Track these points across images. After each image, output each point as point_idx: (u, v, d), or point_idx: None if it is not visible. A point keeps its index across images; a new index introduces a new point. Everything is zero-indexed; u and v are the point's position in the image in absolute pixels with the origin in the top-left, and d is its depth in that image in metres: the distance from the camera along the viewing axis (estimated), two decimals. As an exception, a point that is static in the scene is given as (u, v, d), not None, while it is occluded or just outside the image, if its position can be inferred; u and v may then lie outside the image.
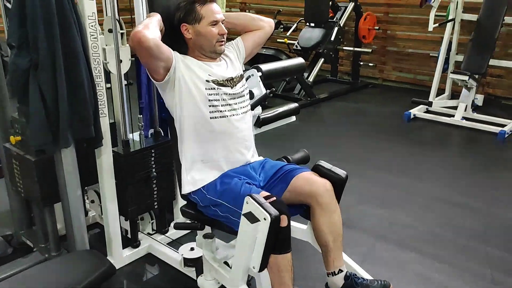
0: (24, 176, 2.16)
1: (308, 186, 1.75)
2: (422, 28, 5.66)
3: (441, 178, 3.40)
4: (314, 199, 1.74)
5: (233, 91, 1.83)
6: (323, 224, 1.75)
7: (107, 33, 2.09)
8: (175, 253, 2.34)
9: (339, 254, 1.78)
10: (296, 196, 1.78)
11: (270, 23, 2.02)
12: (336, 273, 1.76)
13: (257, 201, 1.54)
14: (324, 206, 1.73)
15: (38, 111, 1.79)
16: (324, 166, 1.83)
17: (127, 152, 2.20)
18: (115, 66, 2.12)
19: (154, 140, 2.35)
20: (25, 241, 2.47)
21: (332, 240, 1.76)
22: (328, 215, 1.74)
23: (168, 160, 2.36)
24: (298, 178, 1.78)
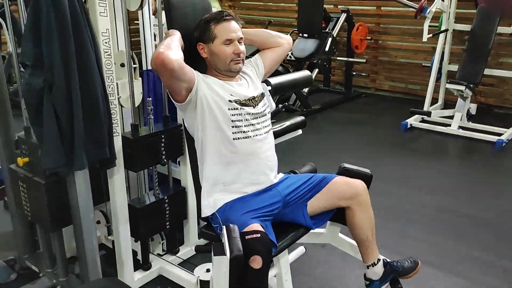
0: (32, 199, 2.07)
1: (349, 188, 1.82)
2: (414, 38, 5.72)
3: (445, 189, 3.40)
4: (356, 200, 1.81)
5: (255, 111, 1.78)
6: (365, 220, 1.83)
7: (119, 67, 2.05)
8: (189, 274, 2.27)
9: (375, 246, 1.90)
10: (336, 201, 1.82)
11: (289, 40, 1.99)
12: (376, 263, 1.89)
13: (228, 234, 1.47)
14: (364, 204, 1.83)
15: (53, 133, 1.71)
16: (351, 168, 1.94)
17: (136, 137, 2.10)
18: (127, 100, 2.09)
19: (163, 125, 2.25)
20: (29, 266, 2.37)
21: (371, 233, 1.86)
22: (367, 211, 1.84)
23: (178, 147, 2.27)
24: (335, 183, 1.83)
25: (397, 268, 1.91)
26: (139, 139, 2.10)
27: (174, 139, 2.25)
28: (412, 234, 2.77)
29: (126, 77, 2.05)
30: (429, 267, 2.43)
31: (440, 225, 2.88)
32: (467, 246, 2.64)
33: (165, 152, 2.21)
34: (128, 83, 2.05)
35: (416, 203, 3.17)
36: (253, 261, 1.46)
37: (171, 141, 2.23)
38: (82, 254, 1.99)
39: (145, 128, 2.20)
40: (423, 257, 2.50)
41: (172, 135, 2.23)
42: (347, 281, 2.34)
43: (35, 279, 2.26)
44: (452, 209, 3.07)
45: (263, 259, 1.47)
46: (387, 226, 2.83)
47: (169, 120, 2.27)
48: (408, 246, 2.64)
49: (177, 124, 2.27)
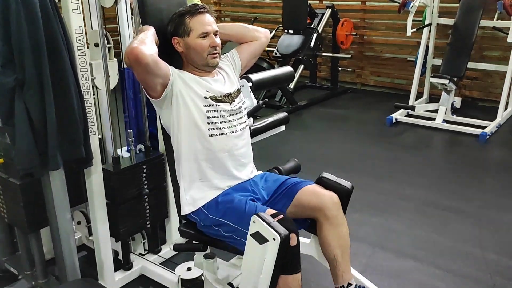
0: (8, 201, 2.03)
1: (315, 199, 1.70)
2: (398, 33, 5.74)
3: (429, 183, 3.41)
4: (322, 212, 1.68)
5: (231, 107, 1.76)
6: (331, 238, 1.70)
7: (93, 47, 1.99)
8: (171, 274, 2.24)
9: (348, 267, 1.73)
10: (302, 210, 1.72)
11: (266, 34, 1.97)
12: (346, 287, 1.72)
13: (265, 220, 1.47)
14: (332, 219, 1.69)
15: (25, 133, 1.68)
16: (329, 178, 1.79)
17: (117, 170, 2.10)
18: (102, 81, 2.03)
19: (145, 155, 2.26)
20: (8, 269, 2.32)
21: (340, 253, 1.71)
22: (336, 228, 1.70)
23: (160, 177, 2.28)
24: (303, 191, 1.72)
25: None
26: (120, 172, 2.09)
27: (156, 168, 2.24)
28: (395, 228, 2.77)
29: (100, 57, 1.98)
30: (412, 260, 2.44)
31: (423, 218, 2.89)
32: (450, 238, 2.65)
33: (147, 182, 2.20)
34: (103, 63, 1.99)
35: (400, 196, 3.17)
36: (291, 239, 1.47)
37: (153, 170, 2.22)
38: (60, 255, 1.96)
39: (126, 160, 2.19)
40: (407, 250, 2.53)
41: (153, 164, 2.23)
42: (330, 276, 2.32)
43: (14, 282, 2.23)
44: (436, 202, 3.09)
45: (297, 235, 1.51)
46: (370, 221, 2.83)
47: (150, 149, 2.27)
48: (391, 240, 2.64)
49: (158, 154, 2.27)
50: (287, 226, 1.48)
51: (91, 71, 1.96)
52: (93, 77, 1.98)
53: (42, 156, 1.74)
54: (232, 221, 1.63)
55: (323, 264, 1.88)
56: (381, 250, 2.54)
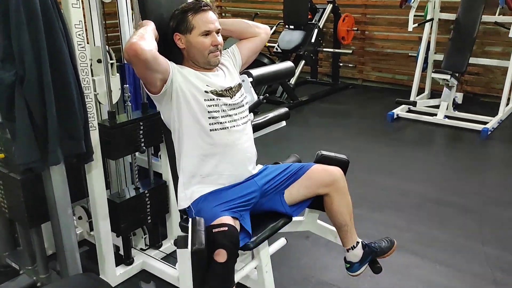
0: (8, 196, 2.03)
1: (327, 176, 1.82)
2: (400, 28, 5.72)
3: (430, 178, 3.41)
4: (334, 186, 1.81)
5: (232, 101, 1.76)
6: (342, 206, 1.83)
7: (96, 63, 2.01)
8: (171, 268, 2.25)
9: (354, 230, 1.91)
10: (315, 189, 1.82)
11: (266, 30, 1.96)
12: (355, 246, 1.90)
13: (193, 226, 1.45)
14: (341, 189, 1.83)
15: (25, 128, 1.68)
16: (329, 155, 1.95)
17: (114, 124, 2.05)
18: (105, 97, 2.07)
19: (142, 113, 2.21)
20: (9, 264, 2.33)
21: (349, 218, 1.86)
22: (345, 196, 1.85)
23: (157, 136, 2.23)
24: (313, 171, 1.82)
25: (375, 248, 1.94)
26: (116, 126, 2.06)
27: (153, 126, 2.20)
28: (396, 224, 2.77)
29: (103, 73, 2.01)
30: (413, 256, 2.44)
31: (424, 214, 2.89)
32: (451, 234, 2.64)
33: (144, 139, 2.17)
34: (105, 79, 2.02)
35: (401, 192, 3.17)
36: (217, 254, 1.44)
37: (150, 128, 2.19)
38: (61, 250, 1.97)
39: (123, 115, 2.15)
40: (408, 246, 2.53)
41: (151, 122, 2.19)
42: (331, 271, 2.33)
43: (15, 276, 2.23)
44: (437, 197, 3.08)
45: (228, 252, 1.45)
46: (371, 216, 2.83)
47: (147, 107, 2.23)
48: (392, 236, 2.58)
49: (156, 111, 2.19)
50: (219, 240, 1.44)
51: (94, 87, 1.98)
52: (96, 92, 2.00)
53: (42, 151, 1.74)
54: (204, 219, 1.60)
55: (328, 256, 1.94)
56: (382, 245, 2.54)
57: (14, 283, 2.18)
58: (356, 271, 1.94)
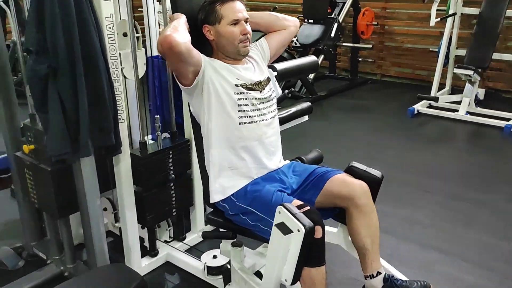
0: (38, 186, 2.07)
1: (345, 188, 1.69)
2: (421, 23, 5.65)
3: (452, 175, 3.37)
4: (352, 201, 1.68)
5: (262, 95, 1.76)
6: (361, 227, 1.70)
7: (121, 37, 2.00)
8: (196, 261, 2.27)
9: (377, 256, 1.74)
10: (332, 199, 1.72)
11: (295, 23, 1.95)
12: (375, 276, 1.72)
13: (290, 211, 1.46)
14: (362, 208, 1.68)
15: (58, 120, 1.70)
16: (358, 167, 1.78)
17: (145, 155, 2.11)
18: (131, 71, 2.04)
19: (171, 141, 2.26)
20: (36, 253, 2.38)
21: (370, 242, 1.71)
22: (366, 217, 1.69)
23: (186, 163, 2.29)
24: (333, 180, 1.72)
25: (397, 287, 1.69)
26: (147, 156, 2.10)
27: (182, 154, 2.25)
28: (420, 220, 2.75)
29: (129, 47, 1.99)
30: (438, 253, 2.42)
31: (448, 211, 2.86)
32: (476, 231, 2.62)
33: (173, 167, 2.22)
34: (131, 53, 2.00)
35: (423, 188, 3.14)
36: (316, 231, 1.46)
37: (179, 156, 2.23)
38: (89, 241, 1.99)
39: (153, 145, 2.19)
40: (432, 242, 2.51)
41: (179, 150, 2.24)
42: (354, 266, 2.29)
43: (43, 266, 2.26)
44: (460, 194, 3.05)
45: (322, 228, 1.49)
46: (394, 212, 2.81)
47: (176, 136, 2.28)
48: (416, 232, 2.62)
49: (184, 140, 2.28)
50: (312, 218, 1.47)
51: (120, 61, 1.97)
52: (121, 66, 1.99)
53: (73, 142, 1.76)
54: (259, 210, 1.64)
55: (350, 254, 1.89)
56: (405, 242, 2.53)
57: (41, 272, 2.21)
58: None
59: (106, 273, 1.62)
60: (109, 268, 1.78)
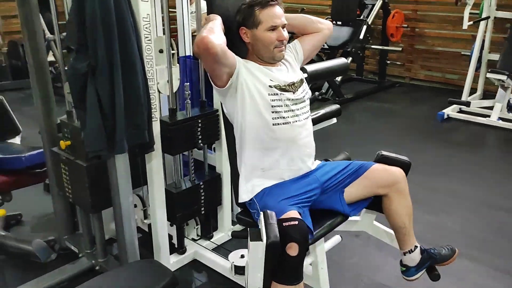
0: (73, 182, 2.12)
1: (387, 175, 1.80)
2: (452, 26, 5.55)
3: (484, 181, 3.30)
4: (394, 187, 1.79)
5: (295, 96, 1.76)
6: (402, 208, 1.81)
7: (157, 53, 2.04)
8: (223, 260, 2.28)
9: (413, 233, 1.88)
10: (373, 189, 1.80)
11: (329, 26, 1.95)
12: (413, 250, 1.87)
13: (266, 220, 1.45)
14: (402, 191, 1.81)
15: (95, 116, 1.74)
16: (390, 156, 1.90)
17: (174, 121, 2.11)
18: (165, 86, 2.09)
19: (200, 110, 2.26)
20: (69, 246, 2.44)
21: (408, 221, 1.83)
22: (405, 198, 1.82)
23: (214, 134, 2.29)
24: (374, 170, 1.80)
25: (434, 255, 1.89)
26: (176, 123, 2.11)
27: (210, 123, 2.25)
28: (449, 227, 2.70)
29: (165, 63, 2.06)
30: (468, 261, 2.37)
31: (478, 218, 2.80)
32: (507, 240, 2.56)
33: (201, 136, 2.22)
34: (167, 69, 2.06)
35: (453, 195, 3.09)
36: (289, 248, 1.44)
37: (207, 125, 2.23)
38: (121, 236, 2.03)
39: (182, 113, 2.21)
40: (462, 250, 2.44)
41: (208, 119, 2.24)
42: (382, 271, 2.31)
43: (75, 259, 2.32)
44: (491, 202, 2.98)
45: (299, 246, 1.46)
46: (424, 218, 2.77)
47: (205, 105, 2.28)
48: (446, 239, 2.57)
49: (213, 109, 2.28)
50: (290, 234, 1.44)
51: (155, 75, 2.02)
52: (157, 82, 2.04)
53: (109, 139, 1.80)
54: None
55: (380, 255, 1.92)
56: (434, 248, 2.49)
57: (73, 265, 2.27)
58: (412, 276, 1.91)
59: (139, 268, 1.65)
60: (142, 264, 1.81)
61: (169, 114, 2.14)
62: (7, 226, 2.66)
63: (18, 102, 4.97)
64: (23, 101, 5.06)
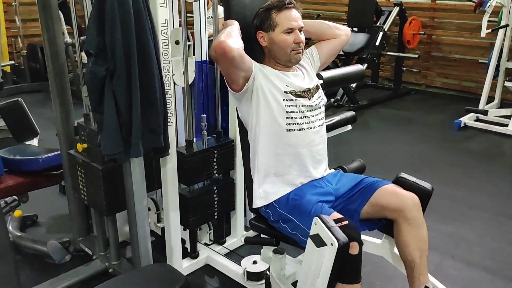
0: (89, 184, 2.14)
1: (395, 199, 1.67)
2: (470, 33, 5.49)
3: (500, 192, 3.25)
4: (402, 213, 1.65)
5: (310, 103, 1.76)
6: (411, 240, 1.66)
7: (173, 44, 2.05)
8: (236, 265, 2.28)
9: (425, 271, 1.71)
10: (380, 210, 1.70)
11: (347, 32, 1.94)
12: None
13: (326, 224, 1.44)
14: (412, 220, 1.65)
15: (113, 120, 1.76)
16: (408, 179, 1.75)
17: (190, 152, 2.14)
18: (181, 77, 2.09)
19: (216, 141, 2.29)
20: (83, 248, 2.46)
21: (418, 256, 1.68)
22: (416, 230, 1.66)
23: (230, 163, 2.32)
24: (382, 191, 1.70)
25: None
26: (193, 154, 2.15)
27: (226, 154, 2.28)
28: (466, 237, 2.66)
29: (181, 54, 2.03)
30: (485, 272, 2.33)
31: (496, 229, 2.75)
32: (526, 252, 2.51)
33: (217, 166, 2.25)
34: (182, 61, 2.04)
35: (470, 205, 3.04)
36: (352, 247, 1.44)
37: (223, 156, 2.27)
38: (135, 239, 2.04)
39: (198, 144, 2.23)
40: (479, 261, 2.42)
41: (224, 150, 2.27)
42: (397, 281, 2.27)
43: (89, 261, 2.34)
44: (508, 212, 2.93)
45: (359, 244, 1.46)
46: (439, 228, 2.73)
47: (221, 136, 2.31)
48: (462, 249, 2.53)
49: (229, 140, 2.31)
50: (348, 234, 1.44)
51: (171, 67, 2.02)
52: (172, 73, 2.05)
53: (125, 143, 1.81)
54: (297, 219, 1.64)
55: (394, 266, 1.86)
56: (450, 259, 2.45)
57: (87, 267, 2.29)
58: None
59: (152, 272, 1.65)
60: (155, 268, 1.81)
61: (185, 145, 2.18)
62: (23, 227, 2.70)
63: (36, 104, 5.05)
64: (41, 104, 5.15)
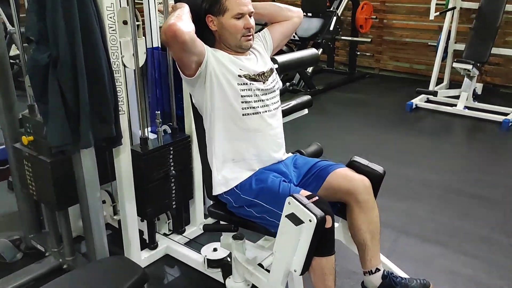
0: (37, 178, 2.05)
1: (346, 182, 1.68)
2: (419, 17, 5.64)
3: (451, 169, 3.38)
4: (353, 196, 1.67)
5: (265, 86, 1.74)
6: (361, 222, 1.69)
7: (121, 25, 1.96)
8: (196, 254, 2.26)
9: (377, 253, 1.73)
10: (333, 193, 1.70)
11: (299, 14, 1.93)
12: (373, 272, 1.71)
13: (301, 202, 1.46)
14: (363, 203, 1.67)
15: (58, 110, 1.67)
16: (361, 162, 1.77)
17: (145, 151, 2.10)
18: (131, 60, 2.01)
19: (171, 137, 2.25)
20: (35, 245, 2.36)
21: (370, 238, 1.70)
22: (367, 212, 1.68)
23: (187, 159, 2.28)
24: (334, 174, 1.71)
25: (397, 284, 1.67)
26: (148, 152, 2.10)
27: (182, 150, 2.25)
28: (419, 214, 2.75)
29: (129, 35, 1.96)
30: (437, 246, 2.43)
31: (447, 204, 2.87)
32: (475, 225, 2.62)
33: (174, 163, 2.21)
34: (131, 42, 1.97)
35: (422, 182, 3.15)
36: (326, 221, 1.46)
37: (179, 152, 2.22)
38: (89, 233, 1.97)
39: (153, 141, 2.18)
40: (431, 236, 2.51)
41: (180, 146, 2.23)
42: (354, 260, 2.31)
43: (41, 259, 2.25)
44: (459, 188, 3.06)
45: (332, 217, 1.49)
46: (393, 206, 2.81)
47: (177, 132, 2.27)
48: (415, 226, 2.62)
49: (185, 136, 2.27)
50: (322, 208, 1.47)
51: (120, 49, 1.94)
52: (121, 55, 1.96)
53: (73, 134, 1.73)
54: (265, 202, 1.63)
55: (350, 249, 1.88)
56: (405, 235, 2.53)
57: (40, 264, 2.20)
58: None
59: (107, 265, 1.60)
60: (111, 260, 1.76)
61: (140, 143, 2.12)
62: (-31, 227, 2.56)
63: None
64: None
